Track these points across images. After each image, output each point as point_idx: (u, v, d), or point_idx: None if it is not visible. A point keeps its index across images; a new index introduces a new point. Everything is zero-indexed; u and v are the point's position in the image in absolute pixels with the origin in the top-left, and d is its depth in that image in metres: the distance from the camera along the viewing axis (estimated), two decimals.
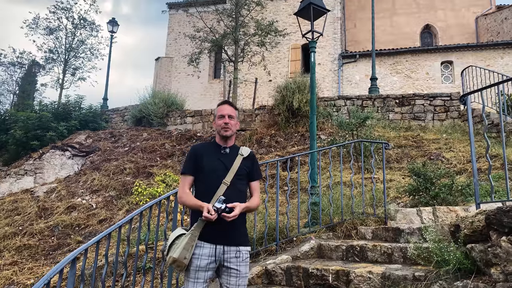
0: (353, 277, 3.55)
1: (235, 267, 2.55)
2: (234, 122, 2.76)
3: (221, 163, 2.68)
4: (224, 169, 2.65)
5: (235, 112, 2.78)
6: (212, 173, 2.64)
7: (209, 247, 2.53)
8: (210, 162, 2.68)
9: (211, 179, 2.63)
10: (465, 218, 3.12)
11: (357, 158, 8.68)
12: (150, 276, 4.69)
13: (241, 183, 2.71)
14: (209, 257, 2.52)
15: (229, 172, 2.63)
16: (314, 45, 6.43)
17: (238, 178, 2.67)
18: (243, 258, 2.59)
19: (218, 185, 2.59)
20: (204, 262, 2.51)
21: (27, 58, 25.93)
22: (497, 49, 18.16)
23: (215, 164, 2.67)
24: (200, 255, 2.51)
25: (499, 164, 7.72)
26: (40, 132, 13.88)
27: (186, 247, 2.47)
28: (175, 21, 25.01)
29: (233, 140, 2.83)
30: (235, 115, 2.77)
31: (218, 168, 2.65)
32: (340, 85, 19.63)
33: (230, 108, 2.78)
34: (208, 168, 2.66)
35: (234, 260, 2.55)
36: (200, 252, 2.52)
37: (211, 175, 2.64)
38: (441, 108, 12.25)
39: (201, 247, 2.53)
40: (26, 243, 8.33)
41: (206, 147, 2.82)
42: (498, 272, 2.62)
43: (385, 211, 5.45)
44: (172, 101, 15.58)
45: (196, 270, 2.50)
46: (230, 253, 2.55)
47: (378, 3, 21.23)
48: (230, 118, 2.73)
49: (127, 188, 10.07)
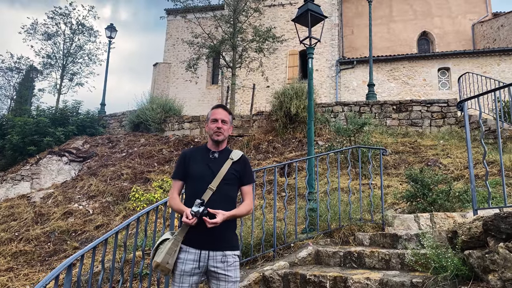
0: (350, 284, 3.54)
1: (223, 272, 2.53)
2: (227, 127, 2.74)
3: (208, 168, 2.65)
4: (211, 174, 2.62)
5: (228, 117, 2.76)
6: (198, 178, 2.63)
7: (194, 252, 2.52)
8: (197, 168, 2.67)
9: (198, 184, 2.62)
10: (463, 224, 3.12)
11: (355, 164, 8.69)
12: (147, 282, 4.66)
13: (230, 188, 2.67)
14: (193, 262, 2.51)
15: (215, 178, 2.61)
16: (312, 51, 6.46)
17: (226, 183, 2.63)
18: (230, 262, 2.56)
19: (203, 190, 2.57)
20: (188, 267, 2.50)
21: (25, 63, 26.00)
22: (493, 55, 18.28)
23: (202, 170, 2.65)
24: (185, 260, 2.51)
25: (496, 170, 7.74)
26: (37, 137, 13.85)
27: (169, 252, 2.48)
28: (173, 27, 25.08)
29: (225, 144, 2.80)
30: (228, 119, 2.75)
31: (205, 173, 2.63)
32: (337, 91, 19.69)
33: (224, 112, 2.76)
34: (195, 174, 2.65)
35: (221, 265, 2.53)
36: (185, 256, 2.52)
37: (197, 180, 2.63)
38: (438, 115, 12.29)
39: (186, 251, 2.53)
40: (22, 249, 8.27)
41: (196, 152, 2.80)
42: (496, 278, 2.61)
43: (383, 217, 5.45)
44: (170, 107, 15.58)
45: (181, 275, 2.50)
46: (216, 258, 2.53)
47: (375, 10, 21.38)
48: (223, 123, 2.71)
49: (124, 194, 10.03)
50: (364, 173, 8.21)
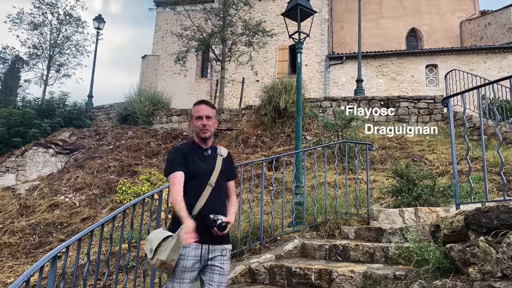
0: (335, 276, 3.59)
1: (219, 265, 2.57)
2: (212, 122, 2.75)
3: (205, 164, 2.69)
4: (208, 171, 2.66)
5: (212, 112, 2.77)
6: (200, 175, 2.64)
7: (195, 247, 2.52)
8: (196, 165, 2.68)
9: (199, 181, 2.62)
10: (445, 218, 3.18)
11: (342, 158, 8.75)
12: (133, 274, 4.65)
13: (223, 183, 2.76)
14: (195, 257, 2.51)
15: (213, 173, 2.65)
16: (301, 46, 6.47)
17: (221, 179, 2.71)
18: (227, 256, 2.64)
19: (204, 187, 2.60)
20: (190, 263, 2.50)
21: (10, 54, 25.61)
22: (480, 53, 18.49)
23: (201, 167, 2.68)
24: (187, 256, 2.50)
25: (480, 166, 7.86)
26: (23, 129, 13.66)
27: (174, 249, 2.43)
28: (162, 19, 24.81)
29: (212, 140, 2.84)
30: (212, 114, 2.76)
31: (204, 170, 2.66)
32: (326, 86, 19.75)
33: (207, 108, 2.76)
34: (195, 171, 2.65)
35: (219, 258, 2.58)
36: (186, 252, 2.50)
37: (199, 177, 2.64)
38: (425, 111, 12.42)
39: (187, 247, 2.51)
40: (6, 241, 8.18)
41: (190, 148, 2.78)
42: (476, 271, 2.67)
43: (368, 211, 5.51)
44: (158, 100, 15.48)
45: (183, 271, 2.49)
46: (215, 251, 2.57)
47: (365, 6, 21.41)
48: (208, 118, 2.72)
49: (111, 187, 9.97)
50: (351, 167, 8.27)
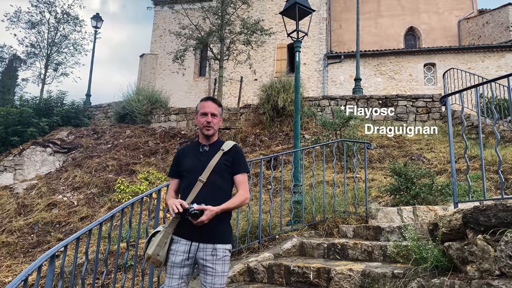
0: (333, 275, 3.59)
1: (211, 265, 2.49)
2: (217, 120, 2.72)
3: (199, 161, 2.65)
4: (201, 167, 2.61)
5: (218, 110, 2.73)
6: (190, 172, 2.64)
7: (185, 244, 2.52)
8: (187, 162, 2.68)
9: (189, 178, 2.62)
10: (443, 217, 3.18)
11: (340, 157, 8.76)
12: (131, 273, 4.65)
13: (222, 181, 2.63)
14: (184, 253, 2.50)
15: (205, 170, 2.59)
16: (299, 45, 6.47)
17: (217, 175, 2.61)
18: (219, 256, 2.51)
19: (194, 183, 2.57)
20: (179, 258, 2.50)
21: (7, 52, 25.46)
22: (478, 52, 18.52)
23: (192, 163, 2.66)
24: (176, 251, 2.51)
25: (478, 165, 7.87)
26: (21, 128, 13.61)
27: (159, 244, 2.47)
28: (160, 18, 24.75)
29: (216, 137, 2.79)
30: (218, 112, 2.73)
31: (195, 166, 2.63)
32: (325, 85, 19.76)
33: (214, 105, 2.72)
34: (187, 168, 2.66)
35: (210, 258, 2.50)
36: (176, 248, 2.52)
37: (188, 173, 2.64)
38: (423, 109, 12.44)
39: (177, 243, 2.52)
40: (4, 240, 8.17)
41: (189, 148, 2.81)
42: (474, 269, 2.68)
43: (367, 210, 5.52)
44: (156, 98, 15.45)
45: (172, 266, 2.50)
46: (206, 250, 2.51)
47: (363, 5, 21.43)
48: (213, 116, 2.69)
49: (109, 186, 9.95)
50: (349, 166, 8.28)
